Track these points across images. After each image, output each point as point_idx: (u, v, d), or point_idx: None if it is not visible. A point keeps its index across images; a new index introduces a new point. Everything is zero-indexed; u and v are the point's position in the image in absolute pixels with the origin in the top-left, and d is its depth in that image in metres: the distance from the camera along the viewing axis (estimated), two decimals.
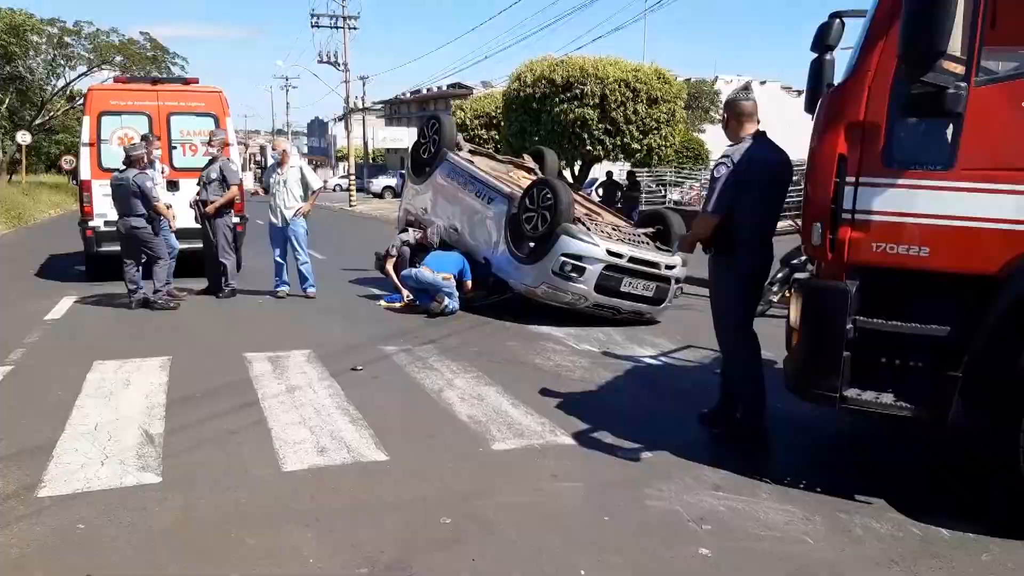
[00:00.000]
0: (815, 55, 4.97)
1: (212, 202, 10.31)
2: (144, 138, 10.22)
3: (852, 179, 4.02)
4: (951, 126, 3.86)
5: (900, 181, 3.93)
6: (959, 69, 3.80)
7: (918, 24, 3.53)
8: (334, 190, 50.48)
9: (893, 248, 3.96)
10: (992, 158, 3.78)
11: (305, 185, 10.43)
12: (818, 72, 4.95)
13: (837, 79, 4.80)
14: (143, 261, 9.58)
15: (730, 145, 5.10)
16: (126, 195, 9.27)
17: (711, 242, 5.13)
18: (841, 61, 5.37)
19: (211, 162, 10.51)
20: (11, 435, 5.01)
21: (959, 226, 3.83)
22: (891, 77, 3.92)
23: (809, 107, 5.02)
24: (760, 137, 5.06)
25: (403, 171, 49.30)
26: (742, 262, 5.03)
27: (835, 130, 4.08)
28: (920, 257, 3.91)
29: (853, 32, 4.82)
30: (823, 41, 4.90)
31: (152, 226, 9.40)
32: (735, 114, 5.16)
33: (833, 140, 4.08)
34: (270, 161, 9.98)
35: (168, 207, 9.92)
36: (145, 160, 9.54)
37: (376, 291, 10.93)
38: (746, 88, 7.00)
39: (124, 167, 9.45)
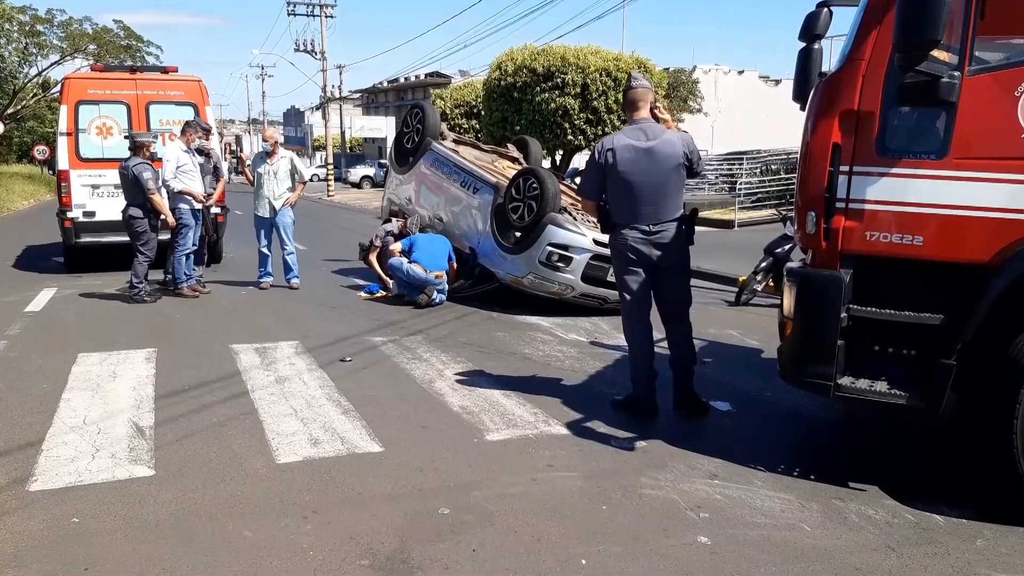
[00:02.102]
0: (803, 44, 4.99)
1: (209, 194, 10.28)
2: (188, 124, 10.05)
3: (846, 168, 4.04)
4: (944, 115, 3.89)
5: (894, 170, 3.95)
6: (952, 59, 3.84)
7: (913, 14, 3.54)
8: (311, 180, 50.19)
9: (887, 237, 3.99)
10: (985, 147, 3.82)
11: (294, 175, 10.39)
12: (806, 61, 4.97)
13: (826, 68, 4.83)
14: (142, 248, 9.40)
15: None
16: (126, 184, 9.16)
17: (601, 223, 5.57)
18: (828, 50, 5.41)
19: (200, 152, 10.38)
20: None
21: (952, 215, 3.87)
22: (885, 66, 3.94)
23: (797, 96, 5.04)
24: (633, 125, 5.33)
25: (381, 160, 48.88)
26: (616, 243, 5.36)
27: (829, 119, 4.09)
28: (913, 246, 3.94)
29: (840, 21, 4.85)
30: (811, 30, 4.91)
31: (148, 220, 9.22)
32: (625, 103, 5.49)
33: (827, 129, 4.09)
34: (246, 150, 9.85)
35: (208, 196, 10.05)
36: (151, 149, 9.39)
37: (360, 281, 10.88)
38: (636, 77, 7.07)
39: (129, 154, 9.32)
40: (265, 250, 10.40)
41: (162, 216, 9.38)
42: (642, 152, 5.21)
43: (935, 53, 3.70)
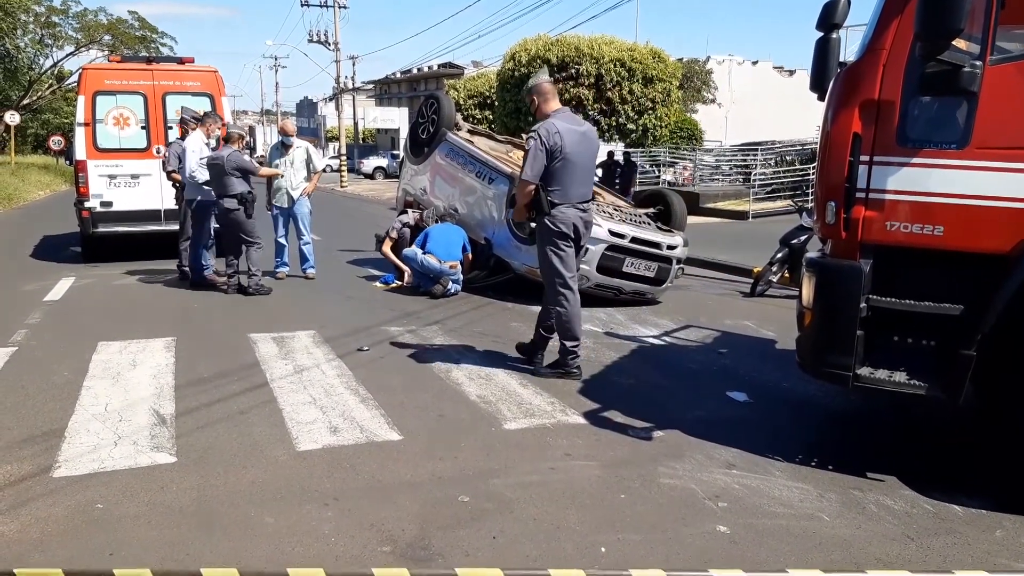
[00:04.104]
0: (820, 34, 4.96)
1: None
2: (207, 115, 10.14)
3: (866, 158, 4.03)
4: (966, 105, 3.87)
5: (914, 160, 3.94)
6: (973, 48, 3.82)
7: (936, 3, 3.53)
8: (325, 170, 50.34)
9: (907, 227, 3.97)
10: (1006, 137, 3.79)
11: (310, 165, 10.45)
12: (823, 51, 4.92)
13: (844, 58, 4.81)
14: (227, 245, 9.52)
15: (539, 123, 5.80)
16: (220, 174, 9.13)
17: (530, 208, 5.86)
18: (846, 39, 5.37)
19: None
20: (22, 416, 5.00)
21: (973, 205, 3.85)
22: (906, 55, 3.92)
23: (815, 86, 5.00)
24: (563, 112, 5.87)
25: (394, 151, 48.84)
26: (555, 223, 5.74)
27: (849, 109, 4.08)
28: (934, 236, 3.92)
29: (859, 10, 4.82)
30: (829, 20, 4.87)
31: (245, 208, 9.24)
32: (539, 94, 5.87)
33: (847, 119, 4.07)
34: (260, 141, 9.95)
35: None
36: (245, 140, 9.50)
37: (375, 272, 10.93)
38: (544, 71, 7.67)
39: (223, 144, 9.40)
40: (282, 240, 10.46)
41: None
42: (581, 135, 5.80)
43: (956, 42, 3.69)
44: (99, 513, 3.72)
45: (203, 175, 9.43)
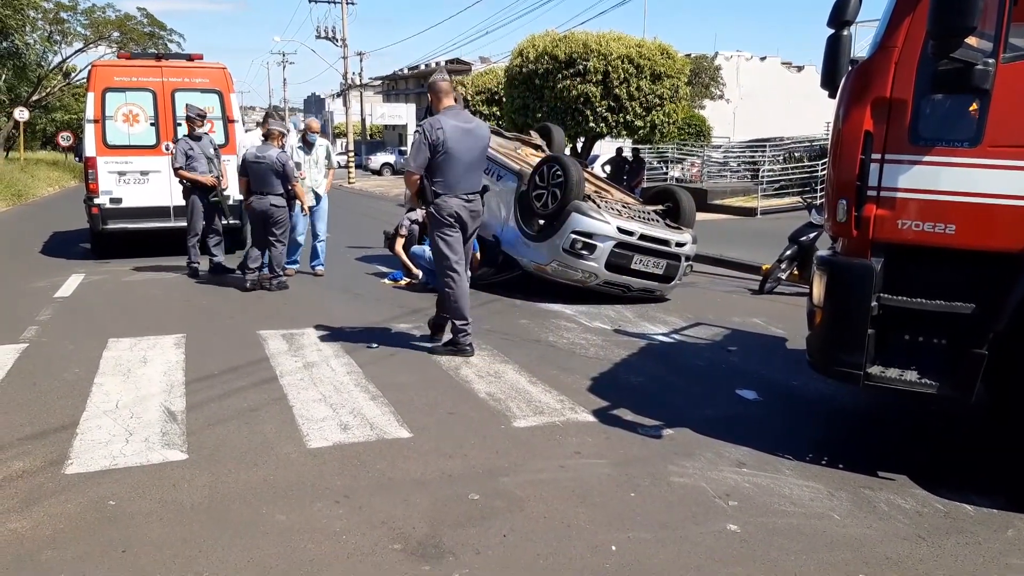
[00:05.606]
0: (832, 31, 4.94)
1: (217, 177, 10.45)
2: (268, 115, 10.24)
3: (878, 156, 4.02)
4: (978, 103, 3.85)
5: (926, 158, 3.92)
6: (986, 46, 3.80)
7: (949, 0, 3.52)
8: (334, 166, 50.47)
9: (918, 225, 3.96)
10: (1019, 135, 3.78)
11: (327, 161, 10.60)
12: (835, 48, 4.90)
13: (856, 55, 4.79)
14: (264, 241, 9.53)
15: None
16: (266, 172, 9.13)
17: (419, 196, 6.47)
18: (858, 36, 5.36)
19: (196, 139, 10.44)
20: (33, 413, 5.02)
21: (985, 203, 3.83)
22: (918, 53, 3.91)
23: (826, 83, 4.98)
24: (452, 110, 6.32)
25: (402, 148, 48.77)
26: (439, 211, 6.27)
27: (861, 107, 4.07)
28: (945, 234, 3.91)
29: (870, 7, 4.81)
30: (840, 16, 4.85)
31: (290, 206, 9.40)
32: (434, 92, 6.40)
33: (859, 117, 4.06)
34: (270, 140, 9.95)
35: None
36: (284, 139, 9.57)
37: (383, 268, 10.95)
38: (441, 71, 7.74)
39: (262, 142, 9.42)
40: (299, 238, 10.48)
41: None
42: (465, 132, 6.24)
43: (969, 40, 3.67)
44: (111, 510, 3.74)
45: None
